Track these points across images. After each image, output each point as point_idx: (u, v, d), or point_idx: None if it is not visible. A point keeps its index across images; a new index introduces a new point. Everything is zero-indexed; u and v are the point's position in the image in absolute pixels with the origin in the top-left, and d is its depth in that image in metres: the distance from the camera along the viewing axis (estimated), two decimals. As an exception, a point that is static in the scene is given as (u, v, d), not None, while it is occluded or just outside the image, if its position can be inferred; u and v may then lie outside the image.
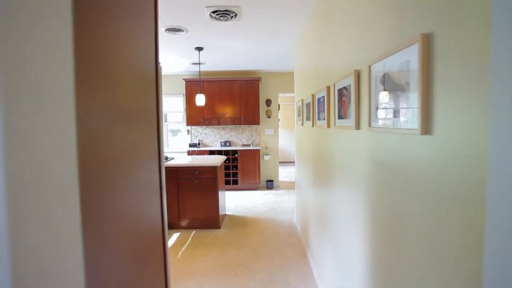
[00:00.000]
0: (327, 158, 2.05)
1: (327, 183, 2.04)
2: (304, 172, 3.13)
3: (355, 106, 1.38)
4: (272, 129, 6.17)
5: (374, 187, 1.21)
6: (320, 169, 2.28)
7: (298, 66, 3.53)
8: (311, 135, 2.68)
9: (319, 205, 2.33)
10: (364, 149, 1.32)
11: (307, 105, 2.81)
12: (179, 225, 3.72)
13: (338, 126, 1.71)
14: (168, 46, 3.83)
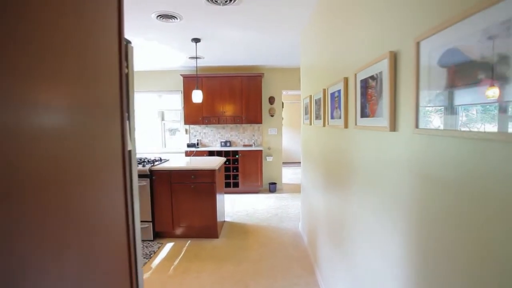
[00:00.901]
0: (344, 164, 1.70)
1: (344, 192, 1.69)
2: (312, 176, 2.78)
3: (390, 100, 1.03)
4: (276, 128, 5.82)
5: (421, 209, 0.87)
6: (334, 175, 1.93)
7: (305, 58, 3.18)
8: (321, 136, 2.33)
9: (332, 216, 1.98)
10: (404, 157, 0.98)
11: (316, 101, 2.46)
12: (173, 234, 3.39)
13: (360, 126, 1.36)
14: (161, 36, 3.48)
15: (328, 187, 2.09)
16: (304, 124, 3.17)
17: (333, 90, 1.87)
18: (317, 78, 2.50)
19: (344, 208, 1.70)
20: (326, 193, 2.16)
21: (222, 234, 3.52)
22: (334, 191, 1.92)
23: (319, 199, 2.45)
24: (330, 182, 2.05)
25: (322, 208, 2.31)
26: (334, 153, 1.93)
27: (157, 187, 3.28)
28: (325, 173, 2.21)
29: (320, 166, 2.40)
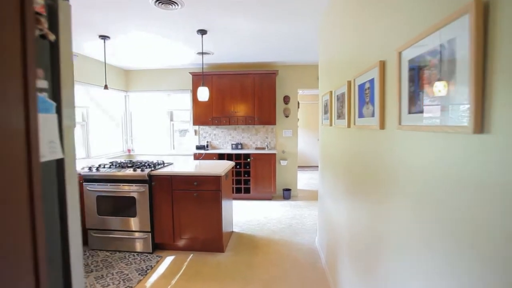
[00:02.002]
0: (377, 173, 1.28)
1: (375, 207, 1.28)
2: (332, 185, 2.36)
3: (475, 82, 0.62)
4: (291, 130, 5.41)
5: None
6: (362, 185, 1.51)
7: (324, 49, 2.76)
8: (345, 139, 1.91)
9: (358, 234, 1.57)
10: (497, 173, 0.56)
11: (338, 97, 2.05)
12: (174, 246, 3.05)
13: (409, 126, 0.95)
14: (163, 27, 3.17)
15: (353, 198, 1.68)
16: (323, 125, 2.76)
17: (362, 80, 1.46)
18: (339, 69, 2.08)
19: (375, 226, 1.28)
20: (350, 205, 1.74)
21: (229, 247, 3.15)
22: (361, 204, 1.50)
23: (340, 211, 2.03)
24: (355, 193, 1.63)
25: (344, 222, 1.89)
26: (362, 159, 1.51)
27: (157, 194, 2.96)
28: (348, 182, 1.79)
29: (342, 174, 1.98)
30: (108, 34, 3.33)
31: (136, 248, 2.99)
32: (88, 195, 3.00)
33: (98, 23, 2.99)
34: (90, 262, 2.79)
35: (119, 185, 2.94)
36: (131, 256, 2.92)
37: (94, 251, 3.04)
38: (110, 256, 2.91)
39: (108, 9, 2.67)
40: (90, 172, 2.97)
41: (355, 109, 1.59)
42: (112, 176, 2.94)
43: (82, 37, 3.46)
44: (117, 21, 2.96)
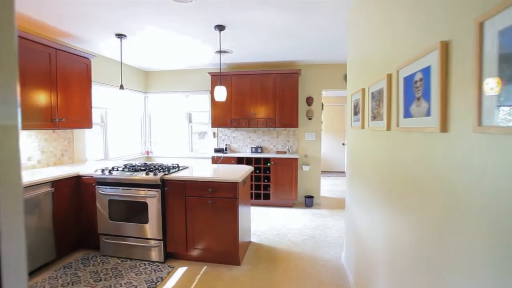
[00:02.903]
0: (435, 186, 0.98)
1: (439, 222, 0.97)
2: (365, 194, 2.04)
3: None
4: (314, 133, 5.08)
5: None
6: (413, 198, 1.20)
7: (354, 44, 2.45)
8: (383, 143, 1.60)
9: (408, 253, 1.25)
10: None
11: (374, 95, 1.74)
12: (187, 256, 2.86)
13: (497, 129, 0.65)
14: (177, 21, 3.00)
15: (395, 211, 1.37)
16: (353, 127, 2.44)
17: (410, 71, 1.15)
18: (375, 62, 1.77)
19: (432, 245, 0.97)
20: (391, 219, 1.43)
21: (246, 260, 2.89)
22: (408, 217, 1.19)
23: (375, 225, 1.71)
24: (400, 205, 1.32)
25: (381, 238, 1.57)
26: (409, 167, 1.20)
27: (170, 200, 2.78)
28: (388, 193, 1.48)
29: (379, 183, 1.67)
30: (125, 32, 3.23)
31: (148, 256, 2.83)
32: (100, 199, 2.88)
33: (113, 20, 2.89)
34: (100, 270, 2.66)
35: (131, 189, 2.79)
36: (142, 265, 2.75)
37: (105, 257, 2.91)
38: (120, 264, 2.77)
39: (123, 6, 2.54)
40: (103, 174, 2.85)
41: (399, 107, 1.29)
42: (124, 180, 2.80)
43: (98, 36, 3.39)
44: (132, 18, 2.83)
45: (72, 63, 3.25)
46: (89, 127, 3.51)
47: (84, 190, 3.02)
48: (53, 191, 2.73)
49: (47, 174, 2.85)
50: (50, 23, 2.98)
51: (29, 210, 2.53)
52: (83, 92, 3.41)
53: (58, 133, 3.51)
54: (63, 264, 2.78)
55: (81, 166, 3.43)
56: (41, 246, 2.64)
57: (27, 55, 2.74)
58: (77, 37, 3.42)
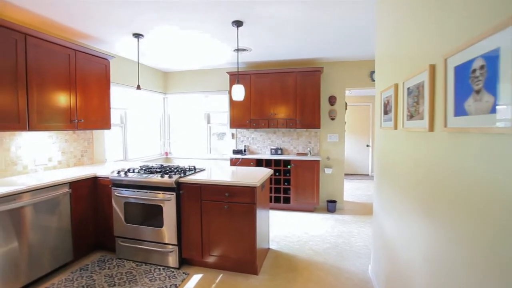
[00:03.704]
0: (508, 209, 0.76)
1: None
2: (398, 202, 1.80)
3: None
4: (337, 134, 4.81)
5: None
6: (469, 220, 0.98)
7: (385, 35, 2.21)
8: (423, 146, 1.37)
9: (466, 274, 1.03)
10: None
11: (410, 91, 1.51)
12: (202, 263, 2.73)
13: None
14: (194, 19, 2.90)
15: (444, 226, 1.14)
16: (382, 128, 2.20)
17: (465, 58, 0.94)
18: (410, 53, 1.54)
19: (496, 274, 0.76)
20: (436, 234, 1.21)
21: (264, 269, 2.73)
22: (463, 235, 0.97)
23: (411, 238, 1.48)
24: (449, 220, 1.09)
25: (422, 255, 1.34)
26: (465, 176, 0.98)
27: (185, 204, 2.68)
28: (432, 203, 1.25)
29: (416, 191, 1.44)
30: (141, 31, 3.18)
31: (163, 261, 2.74)
32: (116, 201, 2.83)
33: (130, 19, 2.84)
34: (115, 274, 2.60)
35: (146, 191, 2.72)
36: (156, 270, 2.67)
37: (121, 260, 2.86)
38: (135, 269, 2.69)
39: (139, 3, 2.47)
40: (119, 176, 2.80)
41: (447, 104, 1.06)
42: (139, 182, 2.73)
43: (116, 36, 3.37)
44: (148, 16, 2.77)
45: (91, 64, 3.25)
46: (107, 128, 3.50)
47: (101, 191, 2.99)
48: (71, 192, 2.72)
49: (66, 175, 2.85)
50: (68, 24, 2.99)
51: (49, 210, 2.53)
52: (101, 93, 3.41)
53: (78, 134, 3.53)
54: (80, 266, 2.76)
55: (99, 167, 3.42)
56: (60, 247, 2.63)
57: (47, 57, 2.75)
58: (95, 38, 3.43)
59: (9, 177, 2.74)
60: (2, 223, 2.16)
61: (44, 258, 2.48)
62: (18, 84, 2.51)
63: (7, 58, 2.41)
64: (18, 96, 2.51)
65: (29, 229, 2.36)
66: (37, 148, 3.04)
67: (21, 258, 2.29)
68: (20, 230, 2.29)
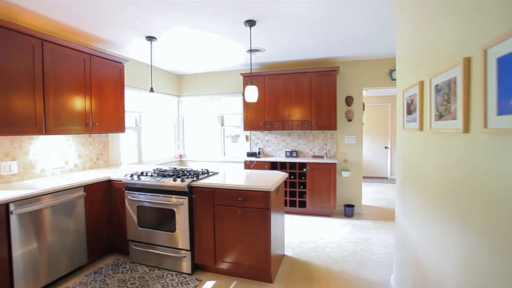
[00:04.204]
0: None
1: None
2: (426, 209, 1.65)
3: None
4: (354, 136, 4.64)
5: None
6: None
7: (407, 30, 2.06)
8: (454, 149, 1.23)
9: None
10: None
11: (439, 88, 1.37)
12: (216, 269, 2.66)
13: None
14: (204, 18, 2.85)
15: (482, 237, 1.00)
16: (405, 129, 2.05)
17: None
18: (439, 47, 1.40)
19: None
20: (471, 244, 1.07)
21: (279, 276, 2.62)
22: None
23: (441, 250, 1.34)
24: (490, 232, 0.96)
25: (456, 272, 1.20)
26: (502, 182, 0.85)
27: (197, 208, 2.62)
28: (468, 214, 1.11)
29: (448, 198, 1.30)
30: (154, 34, 3.17)
31: (175, 267, 2.69)
32: (130, 204, 2.82)
33: (143, 22, 2.83)
34: (128, 278, 2.57)
35: (158, 195, 2.68)
36: (169, 275, 2.62)
37: (134, 264, 2.83)
38: (148, 273, 2.66)
39: (151, 5, 2.45)
40: (132, 180, 2.78)
41: (486, 101, 0.93)
42: (151, 186, 2.70)
43: (129, 40, 3.39)
44: (161, 18, 2.75)
45: (106, 68, 3.28)
46: (122, 131, 3.52)
47: (115, 194, 2.99)
48: (85, 195, 2.73)
49: (82, 178, 2.87)
50: (83, 29, 3.02)
51: (66, 213, 2.54)
52: (116, 96, 3.43)
53: (93, 137, 3.57)
54: (94, 269, 2.76)
55: (114, 170, 3.44)
56: (76, 249, 2.64)
57: (63, 61, 2.78)
58: (109, 42, 3.46)
59: (27, 180, 2.79)
60: (24, 225, 2.21)
61: (61, 261, 2.49)
62: (35, 89, 2.55)
63: (24, 63, 2.46)
64: (35, 101, 2.55)
65: (47, 231, 2.38)
66: (54, 151, 3.09)
67: (40, 259, 2.33)
68: (39, 231, 2.32)
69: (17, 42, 2.39)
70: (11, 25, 2.33)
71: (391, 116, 7.58)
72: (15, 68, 2.39)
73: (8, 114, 2.35)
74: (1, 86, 2.30)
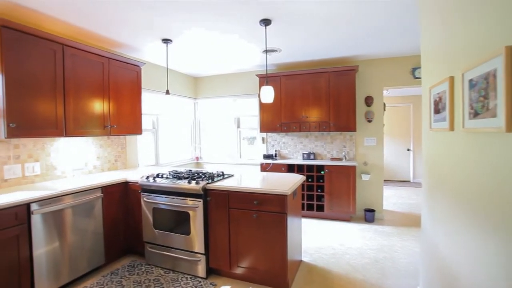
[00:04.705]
0: None
1: None
2: (463, 218, 1.51)
3: None
4: (374, 138, 4.45)
5: None
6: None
7: (433, 25, 1.92)
8: (492, 153, 1.10)
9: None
10: None
11: (474, 83, 1.24)
12: (230, 274, 2.60)
13: None
14: (219, 18, 2.82)
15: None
16: (433, 129, 1.90)
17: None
18: (473, 37, 1.27)
19: None
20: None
21: (296, 284, 2.52)
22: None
23: (482, 260, 1.20)
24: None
25: (495, 283, 1.06)
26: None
27: (212, 211, 2.57)
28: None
29: (491, 205, 1.16)
30: (170, 36, 3.18)
31: (190, 270, 2.65)
32: (146, 206, 2.82)
33: (158, 24, 2.84)
34: (143, 280, 2.57)
35: (173, 198, 2.67)
36: (183, 279, 2.59)
37: (149, 266, 2.83)
38: (163, 276, 2.64)
39: (166, 7, 2.45)
40: (147, 181, 2.79)
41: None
42: (166, 188, 2.68)
43: (146, 43, 3.42)
44: (176, 19, 2.75)
45: (123, 71, 3.33)
46: (139, 133, 3.56)
47: (132, 196, 3.01)
48: (103, 196, 2.76)
49: (100, 179, 2.91)
50: (102, 33, 3.07)
51: (84, 214, 2.58)
52: (133, 99, 3.47)
53: (112, 140, 3.63)
54: (111, 270, 2.77)
55: (131, 172, 3.47)
56: (94, 250, 2.67)
57: (82, 65, 2.84)
58: (126, 45, 3.51)
59: (49, 180, 2.86)
60: (47, 224, 2.27)
61: (80, 260, 2.53)
62: (56, 92, 2.61)
63: (46, 68, 2.52)
64: (56, 104, 2.61)
65: (67, 231, 2.43)
66: (74, 153, 3.16)
67: (61, 258, 2.38)
68: (59, 232, 2.37)
69: (40, 47, 2.46)
70: (34, 32, 2.40)
71: (414, 116, 7.26)
72: (38, 73, 2.46)
73: (32, 117, 2.42)
74: (26, 90, 2.37)
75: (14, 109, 2.30)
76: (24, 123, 2.37)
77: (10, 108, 2.27)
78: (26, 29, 2.34)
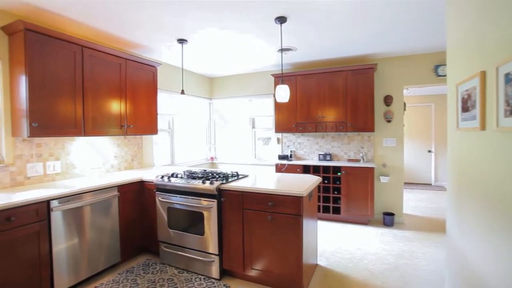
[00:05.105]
0: None
1: None
2: (490, 225, 1.39)
3: None
4: (394, 138, 4.28)
5: None
6: None
7: (461, 18, 1.79)
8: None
9: None
10: None
11: (509, 79, 1.13)
12: (244, 276, 2.56)
13: None
14: (233, 16, 2.78)
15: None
16: (460, 129, 1.78)
17: None
18: (507, 30, 1.17)
19: None
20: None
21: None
22: None
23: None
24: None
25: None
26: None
27: (226, 212, 2.54)
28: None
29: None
30: (185, 37, 3.19)
31: (203, 271, 2.63)
32: (160, 206, 2.83)
33: (173, 24, 2.85)
34: (157, 279, 2.57)
35: (188, 197, 2.66)
36: (197, 279, 2.57)
37: (164, 265, 2.84)
38: (177, 276, 2.64)
39: (181, 7, 2.45)
40: (162, 181, 2.80)
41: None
42: (181, 188, 2.68)
43: (162, 44, 3.45)
44: (191, 18, 2.74)
45: (140, 71, 3.37)
46: (154, 133, 3.59)
47: (147, 195, 3.04)
48: (119, 195, 2.79)
49: (117, 178, 2.95)
50: (119, 34, 3.12)
51: (102, 212, 2.63)
52: (149, 99, 3.51)
53: (128, 139, 3.69)
54: (126, 268, 2.80)
55: (146, 171, 3.51)
56: (111, 247, 2.71)
57: (100, 66, 2.90)
58: (142, 46, 3.55)
59: (69, 179, 2.94)
60: (66, 221, 2.33)
61: (97, 257, 2.58)
62: (75, 93, 2.67)
63: (66, 69, 2.59)
64: (75, 104, 2.67)
65: (85, 228, 2.48)
66: (92, 152, 3.23)
67: (80, 254, 2.43)
68: (77, 229, 2.42)
69: (60, 49, 2.53)
70: (56, 34, 2.47)
71: (435, 117, 6.96)
72: (59, 74, 2.53)
73: (52, 116, 2.48)
74: (47, 91, 2.44)
75: (37, 109, 2.37)
76: (46, 122, 2.43)
77: (33, 108, 2.34)
78: (48, 31, 2.41)
